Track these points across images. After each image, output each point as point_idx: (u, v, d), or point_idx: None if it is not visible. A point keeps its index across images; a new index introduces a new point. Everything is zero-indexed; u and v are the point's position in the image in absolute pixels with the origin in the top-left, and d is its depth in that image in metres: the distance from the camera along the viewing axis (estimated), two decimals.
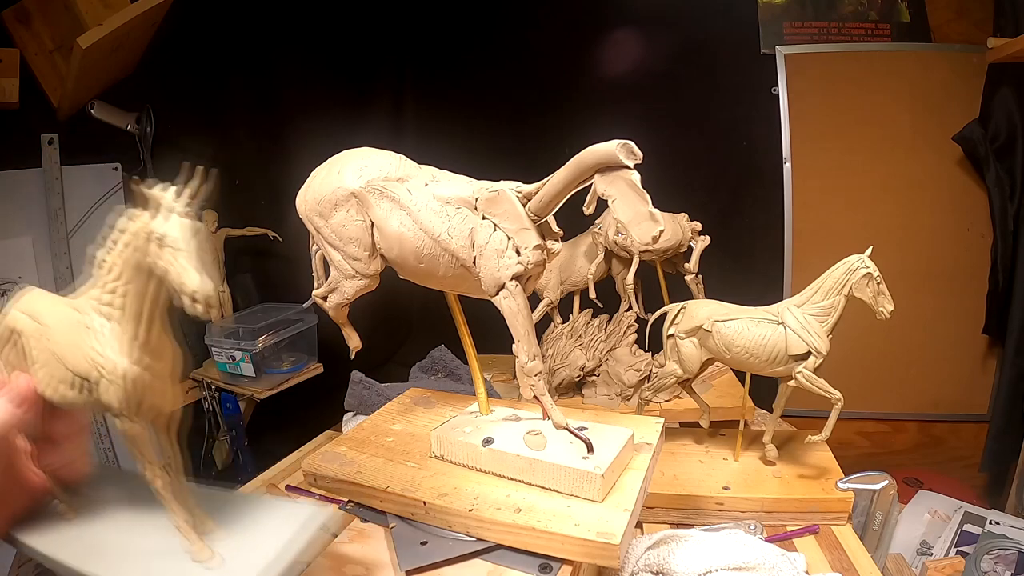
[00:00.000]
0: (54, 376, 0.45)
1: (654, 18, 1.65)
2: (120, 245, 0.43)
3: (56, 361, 0.45)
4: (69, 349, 0.44)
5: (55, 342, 0.45)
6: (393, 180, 0.66)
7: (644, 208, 0.56)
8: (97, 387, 0.43)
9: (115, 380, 0.42)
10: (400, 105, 1.81)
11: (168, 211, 0.41)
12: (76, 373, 0.44)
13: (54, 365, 0.45)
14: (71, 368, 0.44)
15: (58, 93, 1.18)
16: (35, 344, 0.46)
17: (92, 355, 0.43)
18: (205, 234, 0.42)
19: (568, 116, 1.62)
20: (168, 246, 0.40)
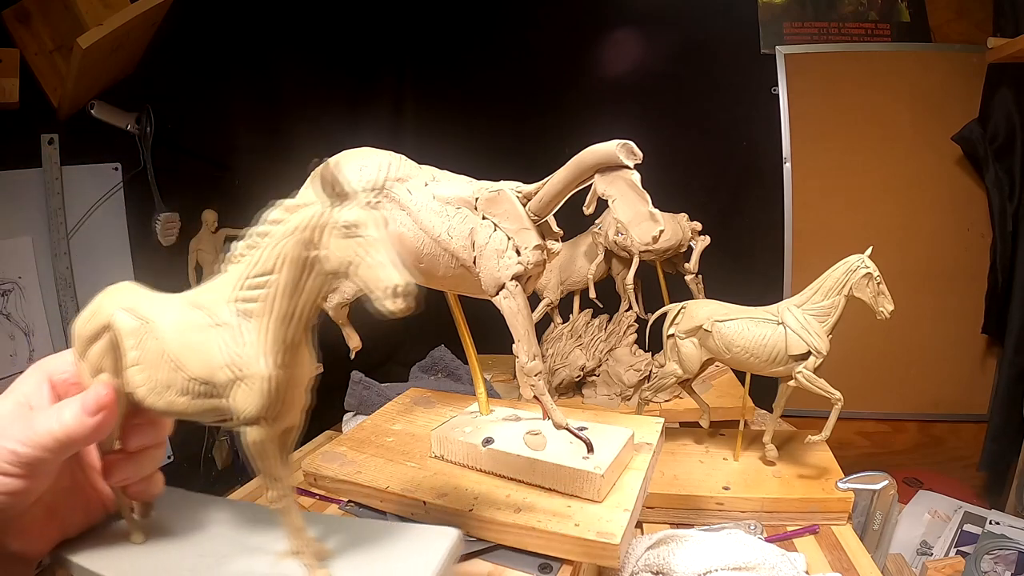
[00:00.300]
0: (162, 380, 0.40)
1: (654, 18, 1.65)
2: (275, 237, 0.38)
3: (167, 363, 0.40)
4: (189, 350, 0.39)
5: (168, 342, 0.40)
6: (393, 180, 0.66)
7: (644, 208, 0.56)
8: (230, 391, 0.38)
9: (257, 385, 0.38)
10: (400, 105, 1.81)
11: (354, 200, 0.37)
12: (196, 377, 0.39)
13: (164, 368, 0.40)
14: (189, 371, 0.39)
15: (58, 93, 1.18)
16: (137, 343, 0.41)
17: (227, 356, 0.38)
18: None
19: (568, 116, 1.62)
20: (359, 236, 0.36)
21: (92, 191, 1.30)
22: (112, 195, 1.34)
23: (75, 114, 1.24)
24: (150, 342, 0.40)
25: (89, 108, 1.26)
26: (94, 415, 0.40)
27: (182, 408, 0.40)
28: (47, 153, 1.21)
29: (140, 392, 0.41)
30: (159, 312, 0.41)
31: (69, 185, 1.24)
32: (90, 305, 0.44)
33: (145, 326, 0.41)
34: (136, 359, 0.41)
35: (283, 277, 0.38)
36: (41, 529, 0.43)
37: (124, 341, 0.41)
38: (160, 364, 0.40)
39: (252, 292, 0.39)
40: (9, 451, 0.38)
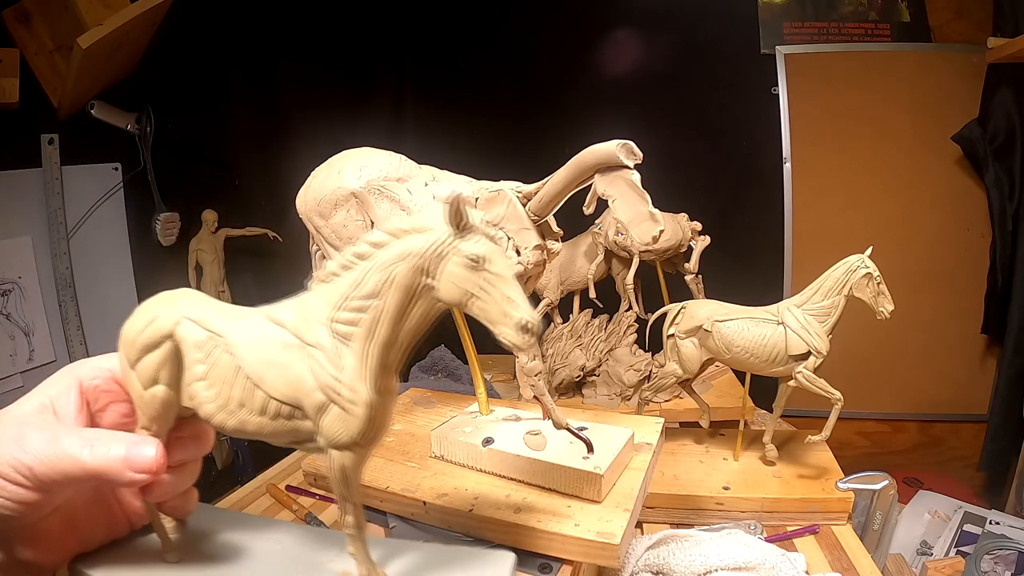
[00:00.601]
0: (235, 398, 0.38)
1: (654, 18, 1.65)
2: (381, 261, 0.37)
3: (243, 381, 0.38)
4: (270, 369, 0.37)
5: (245, 359, 0.38)
6: (393, 180, 0.66)
7: (644, 208, 0.56)
8: (321, 415, 0.37)
9: (357, 411, 0.36)
10: (400, 105, 1.81)
11: (481, 232, 0.36)
12: (278, 398, 0.37)
13: (239, 386, 0.38)
14: (270, 391, 0.37)
15: (58, 93, 1.18)
16: (205, 357, 0.38)
17: (322, 380, 0.37)
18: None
19: (568, 116, 1.62)
20: (486, 270, 0.36)
21: (92, 191, 1.30)
22: (112, 195, 1.34)
23: (75, 114, 1.24)
24: (222, 357, 0.38)
25: (89, 108, 1.26)
26: (136, 472, 0.37)
27: (255, 428, 0.38)
28: (47, 153, 1.21)
29: (207, 409, 0.39)
30: (230, 325, 0.39)
31: (69, 185, 1.24)
32: (143, 311, 0.41)
33: (215, 339, 0.39)
34: (203, 374, 0.39)
35: (390, 302, 0.37)
36: (57, 540, 0.40)
37: (190, 354, 0.39)
38: (234, 381, 0.38)
39: (352, 315, 0.37)
40: (25, 465, 0.35)
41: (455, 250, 0.36)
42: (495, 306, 0.36)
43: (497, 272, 0.36)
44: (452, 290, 0.36)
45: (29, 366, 1.17)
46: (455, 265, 0.36)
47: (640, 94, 1.67)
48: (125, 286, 1.36)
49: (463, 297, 0.36)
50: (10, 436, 0.36)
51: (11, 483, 0.35)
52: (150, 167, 1.36)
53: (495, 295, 0.36)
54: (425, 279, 0.37)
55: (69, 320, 1.24)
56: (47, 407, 0.39)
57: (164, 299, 0.41)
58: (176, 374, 0.39)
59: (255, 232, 1.56)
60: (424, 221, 0.37)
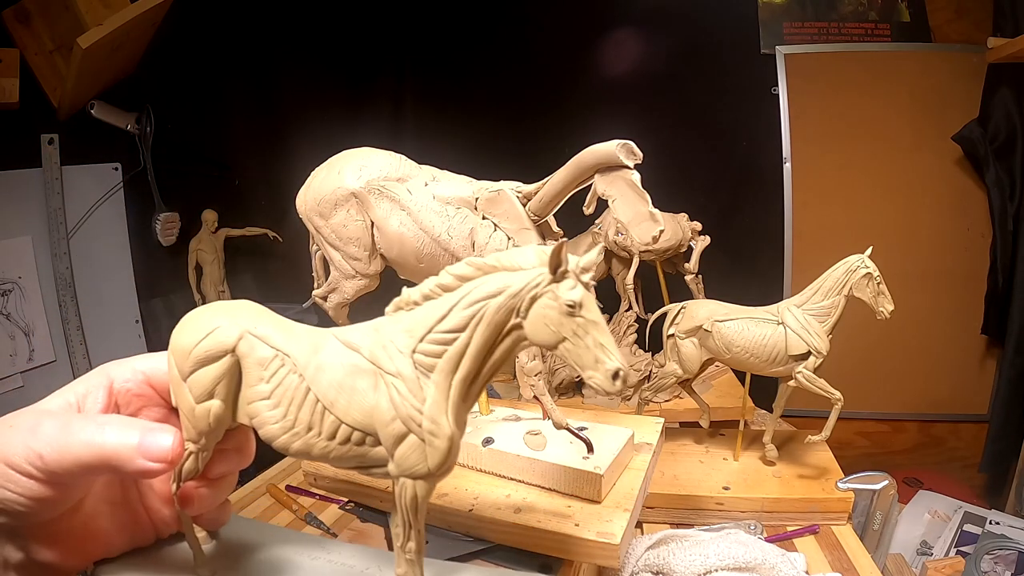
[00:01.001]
0: (303, 421, 0.37)
1: (654, 18, 1.65)
2: (469, 296, 0.37)
3: (311, 404, 0.37)
4: (343, 395, 0.37)
5: (317, 382, 0.37)
6: (393, 180, 0.66)
7: (644, 208, 0.56)
8: (398, 445, 0.36)
9: (439, 443, 0.36)
10: (400, 105, 1.81)
11: (575, 277, 0.36)
12: (351, 424, 0.37)
13: (308, 409, 0.37)
14: (342, 416, 0.37)
15: (58, 93, 1.18)
16: (270, 376, 0.37)
17: (403, 410, 0.36)
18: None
19: (568, 116, 1.62)
20: (581, 316, 0.36)
21: (92, 191, 1.30)
22: (112, 195, 1.34)
23: (75, 114, 1.24)
24: (290, 378, 0.37)
25: (89, 108, 1.26)
26: (151, 461, 0.35)
27: (321, 452, 0.38)
28: (47, 153, 1.21)
29: (271, 429, 0.38)
30: (298, 345, 0.38)
31: (69, 185, 1.24)
32: (199, 321, 0.39)
33: (282, 359, 0.38)
34: (267, 393, 0.37)
35: (476, 339, 0.37)
36: (78, 543, 0.39)
37: (252, 371, 0.38)
38: (302, 403, 0.37)
39: (436, 347, 0.37)
40: (36, 453, 0.34)
41: (551, 294, 0.36)
42: (588, 352, 0.36)
43: (592, 319, 0.36)
44: (544, 332, 0.36)
45: (29, 366, 1.17)
46: (549, 309, 0.36)
47: (640, 94, 1.67)
48: (125, 286, 1.36)
49: (554, 340, 0.36)
50: (26, 426, 0.35)
51: (22, 475, 0.34)
52: (150, 167, 1.36)
53: (588, 342, 0.36)
54: (515, 319, 0.37)
55: (69, 320, 1.24)
56: (72, 404, 0.38)
57: (222, 310, 0.40)
58: (233, 390, 0.38)
59: (255, 232, 1.56)
60: (514, 259, 0.37)
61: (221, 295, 1.51)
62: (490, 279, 0.37)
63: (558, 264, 0.36)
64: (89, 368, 1.34)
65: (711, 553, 0.68)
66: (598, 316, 0.36)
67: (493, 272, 0.37)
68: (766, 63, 1.65)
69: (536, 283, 0.36)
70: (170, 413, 0.41)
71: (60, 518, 0.37)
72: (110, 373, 0.40)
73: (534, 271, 0.37)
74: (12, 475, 0.34)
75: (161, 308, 1.43)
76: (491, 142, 1.61)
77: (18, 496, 0.34)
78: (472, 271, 0.38)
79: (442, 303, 0.37)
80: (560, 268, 0.36)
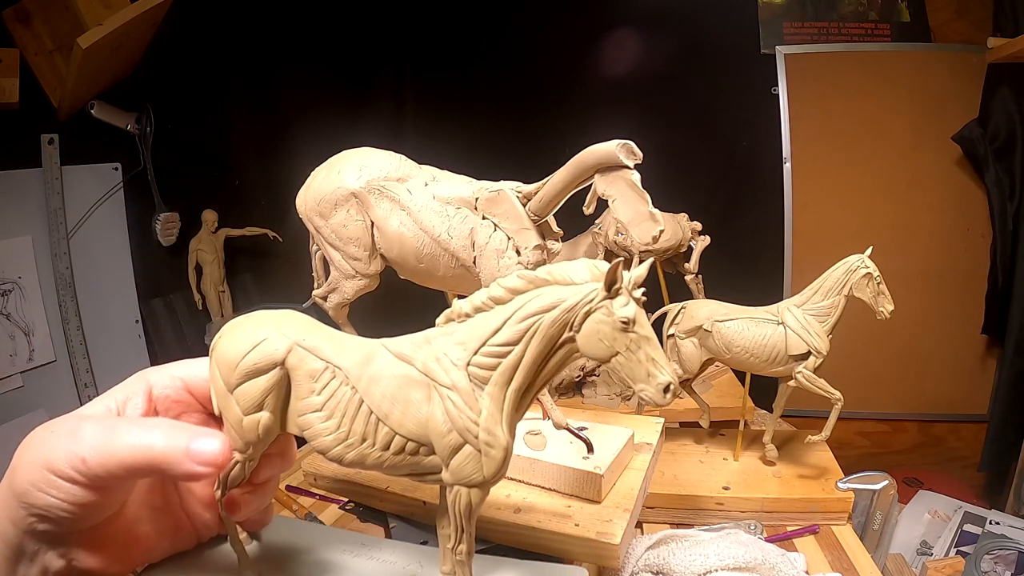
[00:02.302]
0: (358, 432, 0.37)
1: (654, 18, 1.65)
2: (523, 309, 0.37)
3: (365, 416, 0.37)
4: (397, 406, 0.37)
5: (371, 395, 0.37)
6: (393, 180, 0.66)
7: (644, 208, 0.56)
8: (453, 455, 0.37)
9: (495, 454, 0.37)
10: (400, 105, 1.81)
11: (629, 295, 0.37)
12: (404, 434, 0.37)
13: (362, 421, 0.37)
14: (396, 428, 0.37)
15: (58, 93, 1.18)
16: (322, 388, 0.38)
17: (459, 422, 0.37)
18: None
19: (568, 116, 1.62)
20: (635, 332, 0.36)
21: (92, 191, 1.30)
22: (112, 195, 1.34)
23: (75, 114, 1.24)
24: (342, 390, 0.38)
25: (89, 108, 1.26)
26: (199, 465, 0.35)
27: (375, 462, 0.38)
28: (47, 153, 1.21)
29: (324, 441, 0.38)
30: (349, 357, 0.38)
31: (69, 185, 1.24)
32: (244, 332, 0.38)
33: (333, 371, 0.38)
34: (320, 404, 0.38)
35: (531, 351, 0.38)
36: (122, 549, 0.39)
37: (303, 383, 0.38)
38: (356, 415, 0.37)
39: (490, 360, 0.38)
40: (79, 457, 0.33)
41: (604, 310, 0.37)
42: (640, 367, 0.37)
43: (645, 334, 0.37)
44: (597, 347, 0.37)
45: (29, 366, 1.17)
46: (603, 324, 0.37)
47: (640, 94, 1.67)
48: (125, 286, 1.36)
49: (607, 354, 0.37)
50: (67, 430, 0.35)
51: (65, 480, 0.33)
52: (150, 167, 1.36)
53: (641, 356, 0.37)
54: (568, 332, 0.38)
55: (69, 320, 1.24)
56: (112, 410, 0.38)
57: (267, 321, 0.39)
58: (282, 402, 0.38)
59: (255, 232, 1.56)
60: (567, 272, 0.38)
61: (221, 295, 1.51)
62: (543, 293, 0.38)
63: (613, 281, 0.36)
64: (89, 368, 1.34)
65: (711, 553, 0.68)
66: (650, 331, 0.37)
67: (545, 285, 0.38)
68: (766, 63, 1.65)
69: (590, 298, 0.37)
70: (209, 419, 0.41)
71: (102, 524, 0.37)
72: (149, 379, 0.40)
73: (587, 286, 0.37)
74: (55, 480, 0.33)
75: (161, 308, 1.43)
76: (491, 142, 1.61)
77: (61, 501, 0.34)
78: (524, 284, 0.38)
79: (495, 316, 0.38)
80: (615, 286, 0.36)
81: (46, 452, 0.34)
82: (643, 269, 0.38)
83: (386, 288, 0.73)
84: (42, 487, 0.33)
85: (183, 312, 1.47)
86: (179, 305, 1.47)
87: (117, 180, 1.34)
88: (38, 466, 0.33)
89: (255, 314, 0.40)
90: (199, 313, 1.48)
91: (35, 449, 0.34)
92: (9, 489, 0.34)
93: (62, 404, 1.19)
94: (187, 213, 1.45)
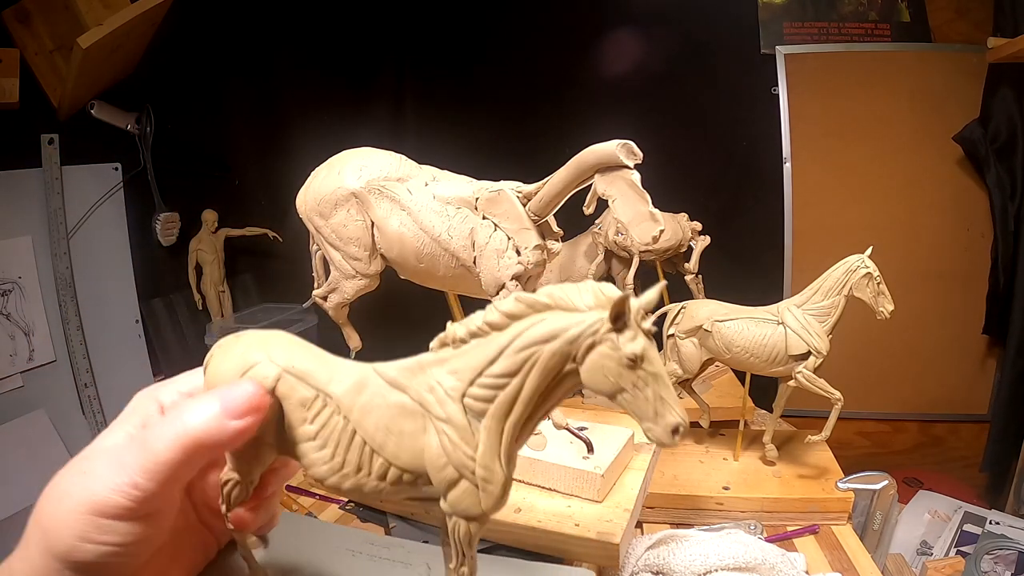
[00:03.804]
0: (352, 462, 0.36)
1: (654, 18, 1.65)
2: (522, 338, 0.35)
3: (359, 446, 0.36)
4: (392, 437, 0.36)
5: (363, 425, 0.36)
6: (393, 180, 0.66)
7: (644, 208, 0.56)
8: (450, 489, 0.36)
9: (494, 489, 0.36)
10: (400, 105, 1.81)
11: (638, 327, 0.35)
12: (400, 466, 0.36)
13: (356, 451, 0.36)
14: (391, 459, 0.36)
15: (58, 93, 1.18)
16: (313, 417, 0.36)
17: (456, 457, 0.35)
18: None
19: (568, 116, 1.62)
20: (643, 369, 0.34)
21: (92, 191, 1.30)
22: (112, 195, 1.34)
23: (75, 114, 1.24)
24: (335, 420, 0.36)
25: (89, 108, 1.26)
26: (240, 418, 0.33)
27: (373, 490, 0.37)
28: (47, 153, 1.21)
29: (319, 471, 0.37)
30: (339, 383, 0.37)
31: (69, 185, 1.24)
32: (231, 356, 0.37)
33: (325, 399, 0.37)
34: (313, 434, 0.36)
35: (530, 383, 0.35)
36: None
37: (294, 412, 0.37)
38: (351, 446, 0.36)
39: (487, 392, 0.36)
40: (129, 483, 0.31)
41: (610, 343, 0.34)
42: (647, 405, 0.34)
43: (653, 371, 0.34)
44: (601, 382, 0.35)
45: (29, 366, 1.17)
46: (608, 359, 0.34)
47: (640, 94, 1.67)
48: (125, 286, 1.36)
49: (612, 390, 0.35)
50: (105, 465, 0.32)
51: (118, 518, 0.31)
52: (150, 167, 1.36)
53: (648, 394, 0.34)
54: (571, 364, 0.35)
55: (69, 320, 1.24)
56: (135, 437, 0.36)
57: (254, 344, 0.38)
58: (278, 430, 0.37)
59: (255, 232, 1.56)
60: (570, 297, 0.36)
61: (221, 295, 1.51)
62: (543, 319, 0.35)
63: (620, 315, 0.34)
64: (89, 368, 1.34)
65: (711, 553, 0.68)
66: (660, 368, 0.35)
67: (546, 310, 0.35)
68: (766, 63, 1.65)
69: (594, 330, 0.34)
70: None
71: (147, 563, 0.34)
72: (159, 397, 0.39)
73: (591, 315, 0.35)
74: (105, 524, 0.31)
75: (161, 308, 1.43)
76: (491, 142, 1.61)
77: (115, 547, 0.31)
78: (522, 308, 0.36)
79: (491, 343, 0.36)
80: (622, 319, 0.34)
81: (88, 497, 0.31)
82: (653, 294, 0.35)
83: (386, 288, 0.73)
84: (92, 536, 0.30)
85: (183, 312, 1.47)
86: (179, 305, 1.47)
87: (117, 180, 1.34)
88: (81, 514, 0.30)
89: (244, 335, 0.39)
90: (199, 313, 1.48)
91: (69, 498, 0.31)
92: (47, 553, 0.31)
93: (62, 404, 1.19)
94: (187, 213, 1.45)
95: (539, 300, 0.36)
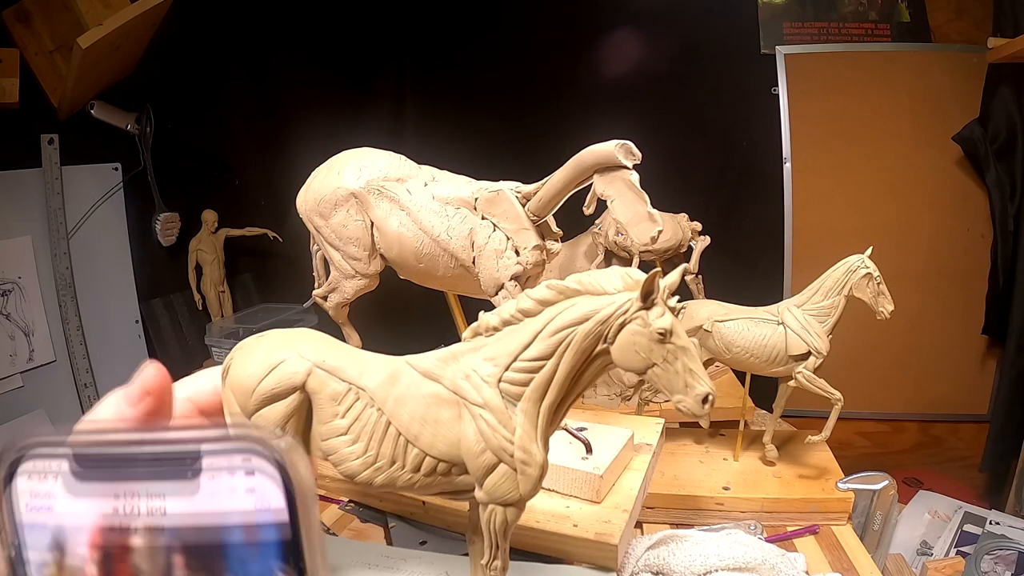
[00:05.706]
0: (384, 455, 0.36)
1: (654, 18, 1.65)
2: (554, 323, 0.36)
3: (393, 438, 0.36)
4: (427, 427, 0.36)
5: (397, 416, 0.36)
6: (393, 180, 0.67)
7: (643, 208, 0.57)
8: (487, 475, 0.36)
9: (532, 472, 0.36)
10: (400, 105, 1.81)
11: (665, 305, 0.36)
12: (435, 455, 0.36)
13: (389, 443, 0.36)
14: (427, 449, 0.36)
15: (58, 93, 1.18)
16: (346, 411, 0.36)
17: (494, 442, 0.35)
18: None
19: (568, 116, 1.62)
20: (672, 343, 0.35)
21: (92, 191, 1.30)
22: (112, 195, 1.34)
23: (75, 114, 1.24)
24: (368, 413, 0.36)
25: (89, 108, 1.26)
26: (136, 404, 0.31)
27: (407, 483, 0.37)
28: (47, 153, 1.21)
29: (351, 466, 0.36)
30: (371, 376, 0.37)
31: (69, 185, 1.24)
32: (259, 355, 0.37)
33: (357, 392, 0.36)
34: (344, 428, 0.36)
35: (564, 365, 0.36)
36: None
37: (325, 407, 0.36)
38: (384, 438, 0.36)
39: (522, 376, 0.36)
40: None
41: (640, 320, 0.35)
42: (677, 378, 0.36)
43: (682, 345, 0.36)
44: (633, 359, 0.36)
45: (29, 366, 1.17)
46: (638, 336, 0.36)
47: (640, 94, 1.67)
48: (125, 286, 1.36)
49: (644, 366, 0.36)
50: None
51: None
52: (150, 167, 1.36)
53: (678, 367, 0.36)
54: (603, 344, 0.36)
55: (69, 320, 1.24)
56: None
57: (281, 342, 0.38)
58: (304, 425, 0.37)
59: (255, 232, 1.56)
60: (599, 282, 0.37)
61: (221, 295, 1.51)
62: (574, 304, 0.36)
63: (650, 292, 0.35)
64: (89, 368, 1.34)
65: (711, 553, 0.68)
66: (687, 342, 0.36)
67: (576, 296, 0.37)
68: (766, 63, 1.65)
69: (624, 309, 0.36)
70: None
71: None
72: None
73: (621, 296, 0.36)
74: None
75: (161, 308, 1.43)
76: (491, 142, 1.61)
77: None
78: (554, 295, 0.37)
79: (524, 329, 0.37)
80: (651, 296, 0.35)
81: None
82: (676, 276, 0.37)
83: (386, 288, 0.73)
84: None
85: (183, 312, 1.47)
86: (179, 305, 1.47)
87: (117, 180, 1.34)
88: None
89: (268, 334, 0.38)
90: (199, 313, 1.48)
91: None
92: None
93: (62, 404, 1.19)
94: (187, 213, 1.45)
95: (569, 286, 0.37)
